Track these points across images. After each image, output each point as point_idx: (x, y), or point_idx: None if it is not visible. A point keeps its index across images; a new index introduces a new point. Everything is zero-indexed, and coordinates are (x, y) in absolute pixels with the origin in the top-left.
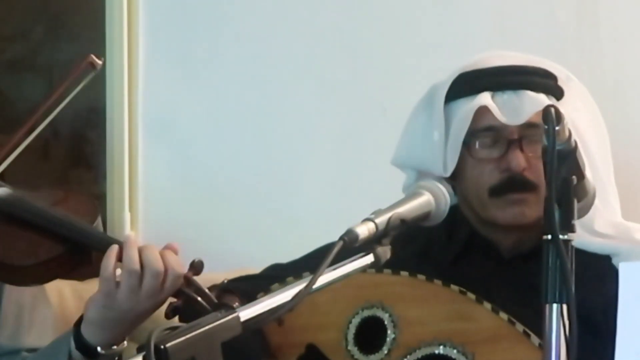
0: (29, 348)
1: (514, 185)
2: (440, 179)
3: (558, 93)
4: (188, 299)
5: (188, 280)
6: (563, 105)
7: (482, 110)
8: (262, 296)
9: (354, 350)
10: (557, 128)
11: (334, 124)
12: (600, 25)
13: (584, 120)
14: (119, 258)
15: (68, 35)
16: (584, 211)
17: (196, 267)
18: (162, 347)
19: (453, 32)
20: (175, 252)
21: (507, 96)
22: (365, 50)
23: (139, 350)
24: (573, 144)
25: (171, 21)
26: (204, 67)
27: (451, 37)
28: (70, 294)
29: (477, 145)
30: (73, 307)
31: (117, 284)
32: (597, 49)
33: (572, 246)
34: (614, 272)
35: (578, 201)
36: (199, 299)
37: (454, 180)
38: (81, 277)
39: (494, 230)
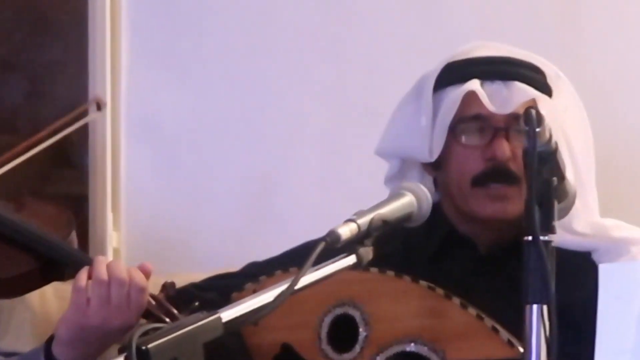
0: (5, 352)
1: (497, 175)
2: (424, 175)
3: (546, 90)
4: (158, 321)
5: (158, 302)
6: (551, 103)
7: (470, 98)
8: (236, 295)
9: (328, 349)
10: (537, 130)
11: (317, 123)
12: (583, 26)
13: (571, 121)
14: (90, 276)
15: (52, 35)
16: (564, 212)
17: (167, 288)
18: (144, 348)
19: (435, 32)
20: (148, 272)
21: (496, 86)
22: (348, 50)
23: (120, 351)
24: (554, 146)
25: (155, 21)
26: (188, 67)
27: (433, 37)
28: (52, 294)
29: (463, 132)
30: (55, 307)
31: (88, 300)
32: (580, 49)
33: (552, 247)
34: (593, 268)
35: (558, 202)
36: (168, 321)
37: (437, 171)
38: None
39: (474, 225)
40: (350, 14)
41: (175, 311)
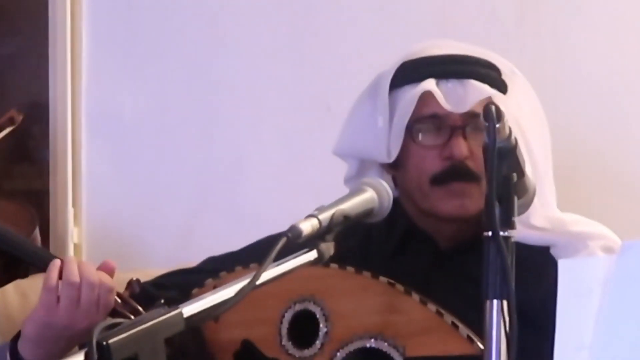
0: None
1: (456, 174)
2: (382, 174)
3: (502, 86)
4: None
5: (124, 300)
6: (507, 100)
7: (427, 98)
8: (197, 291)
9: (288, 345)
10: (497, 125)
11: (279, 120)
12: (541, 23)
13: (527, 116)
14: (61, 275)
15: (10, 30)
16: (524, 208)
17: (132, 286)
18: (104, 343)
19: (395, 29)
20: (112, 270)
21: (451, 84)
22: (310, 47)
23: (81, 347)
24: (513, 142)
25: (115, 15)
26: (148, 63)
27: (393, 35)
28: (12, 290)
29: (420, 132)
30: (15, 304)
31: (57, 298)
32: (538, 46)
33: (512, 242)
34: (552, 263)
35: (518, 198)
36: (133, 318)
37: (396, 170)
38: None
39: (433, 221)
40: (311, 11)
41: (140, 308)
